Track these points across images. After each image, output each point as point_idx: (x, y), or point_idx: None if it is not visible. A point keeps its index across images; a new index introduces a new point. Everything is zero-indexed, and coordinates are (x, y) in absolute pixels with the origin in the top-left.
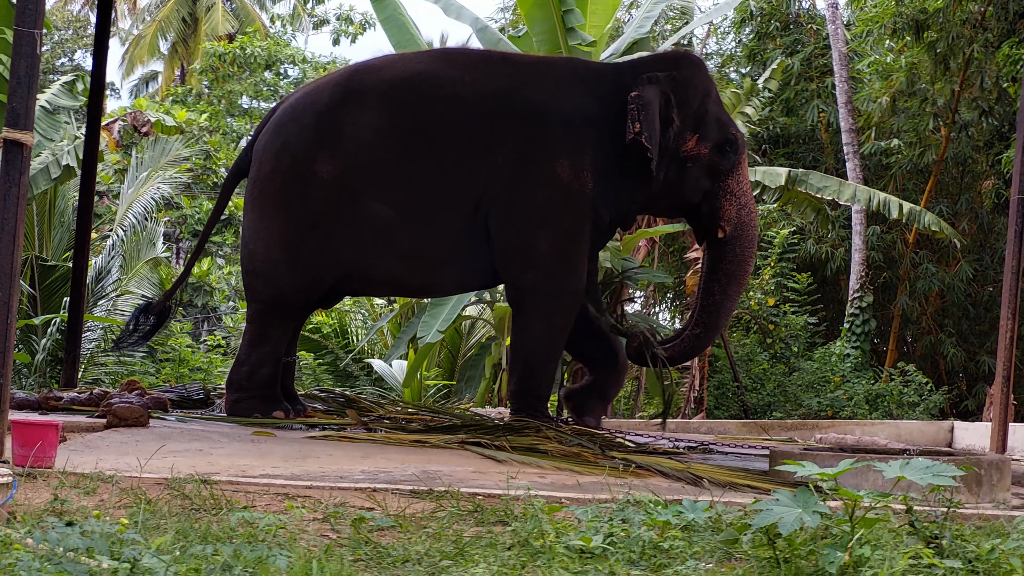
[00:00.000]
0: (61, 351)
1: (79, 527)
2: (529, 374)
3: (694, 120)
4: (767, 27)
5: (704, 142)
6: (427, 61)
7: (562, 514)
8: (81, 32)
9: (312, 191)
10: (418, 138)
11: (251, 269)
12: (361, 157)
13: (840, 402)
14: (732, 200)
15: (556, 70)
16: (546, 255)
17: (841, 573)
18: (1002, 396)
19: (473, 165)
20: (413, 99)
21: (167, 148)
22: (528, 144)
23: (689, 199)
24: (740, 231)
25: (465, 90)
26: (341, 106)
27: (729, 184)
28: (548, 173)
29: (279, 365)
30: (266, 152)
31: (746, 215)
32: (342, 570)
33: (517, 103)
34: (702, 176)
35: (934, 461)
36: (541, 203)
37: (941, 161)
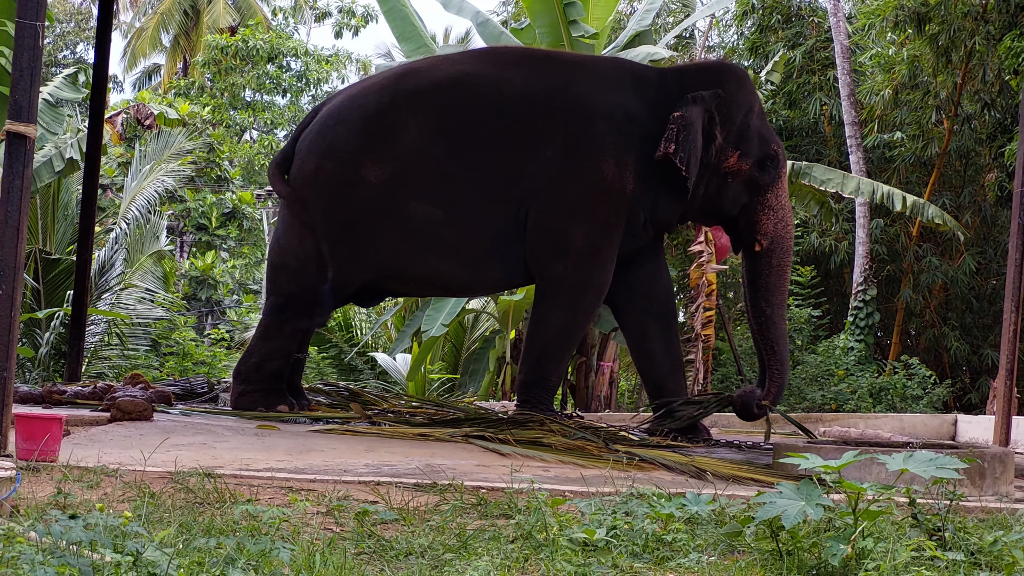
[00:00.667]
0: (65, 345)
1: (82, 520)
2: (541, 364)
3: (736, 136)
4: (769, 20)
5: (746, 158)
6: (472, 61)
7: (565, 507)
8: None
9: (355, 194)
10: (466, 138)
11: (279, 263)
12: (409, 160)
13: (844, 395)
14: (770, 214)
15: (603, 69)
16: (578, 247)
17: (844, 565)
18: (1006, 389)
19: (519, 163)
20: (460, 100)
21: (170, 141)
22: (575, 140)
23: (728, 212)
24: (777, 244)
25: (511, 89)
26: (389, 110)
27: (768, 198)
28: (592, 169)
29: (289, 361)
30: (311, 152)
31: (782, 228)
32: (345, 563)
33: (565, 100)
34: (741, 190)
35: (937, 454)
36: (581, 196)
37: (944, 154)
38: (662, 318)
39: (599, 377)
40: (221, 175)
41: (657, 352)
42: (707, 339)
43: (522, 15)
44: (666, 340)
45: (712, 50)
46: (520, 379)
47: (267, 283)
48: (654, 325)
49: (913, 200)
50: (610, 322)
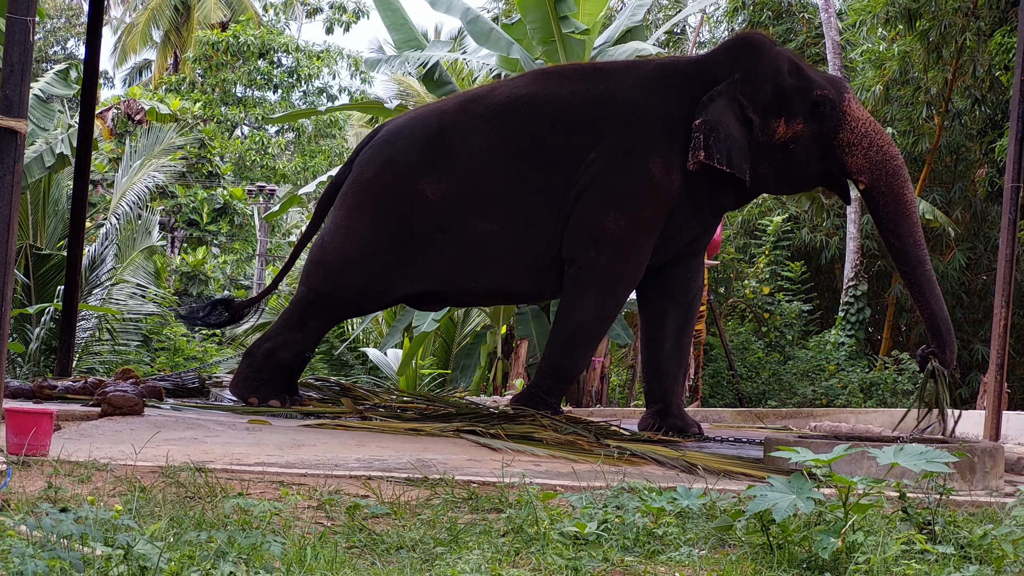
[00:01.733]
0: (55, 340)
1: (73, 514)
2: (567, 352)
3: (773, 106)
4: (759, 16)
5: (793, 121)
6: (526, 84)
7: (557, 501)
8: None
9: (411, 209)
10: (522, 155)
11: (318, 259)
12: (469, 179)
13: (835, 390)
14: (854, 151)
15: (648, 72)
16: (615, 236)
17: (834, 559)
18: (996, 384)
19: (571, 171)
20: (517, 121)
21: (161, 136)
22: (620, 141)
23: (812, 174)
24: (878, 172)
25: (563, 104)
26: (451, 131)
27: (843, 138)
28: (640, 166)
29: (301, 356)
30: (370, 163)
31: (876, 153)
32: (336, 557)
33: (613, 105)
34: (811, 148)
35: (927, 448)
36: (626, 190)
37: (935, 150)
38: (683, 313)
39: (590, 372)
40: (212, 171)
41: (668, 341)
42: (698, 334)
43: (513, 11)
44: (679, 334)
45: (703, 46)
46: (542, 364)
47: (302, 275)
48: (672, 316)
49: None
50: None
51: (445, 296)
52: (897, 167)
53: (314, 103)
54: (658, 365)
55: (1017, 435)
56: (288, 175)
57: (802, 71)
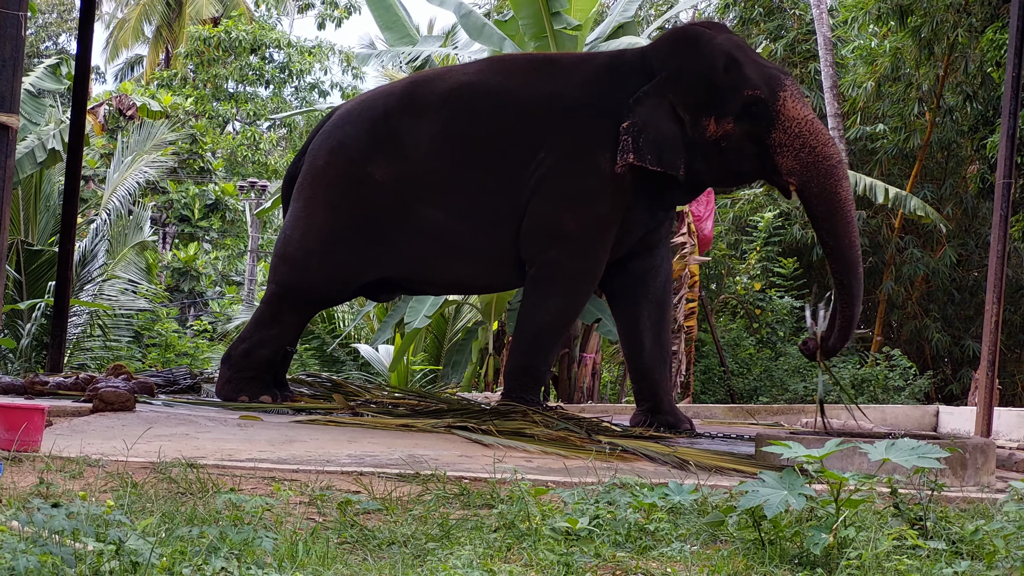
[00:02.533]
0: (47, 336)
1: (65, 509)
2: (532, 352)
3: (704, 104)
4: (751, 12)
5: (724, 119)
6: (477, 71)
7: (548, 497)
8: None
9: (363, 192)
10: (472, 145)
11: (283, 253)
12: (416, 164)
13: (826, 387)
14: (785, 152)
15: (597, 66)
16: (574, 234)
17: (826, 554)
18: (987, 380)
19: (524, 165)
20: (465, 108)
21: (152, 132)
22: (572, 136)
23: (746, 171)
24: (809, 173)
25: (513, 96)
26: (398, 114)
27: (775, 138)
28: (591, 164)
29: (280, 351)
30: (320, 150)
31: (807, 155)
32: (328, 552)
33: (563, 101)
34: (745, 146)
35: (919, 444)
36: (580, 188)
37: (926, 146)
38: (656, 308)
39: (581, 368)
40: (204, 166)
41: (647, 341)
42: (689, 330)
43: (505, 7)
44: (656, 330)
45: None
46: (509, 367)
47: (270, 271)
48: (647, 315)
49: (895, 192)
50: (592, 313)
51: (405, 285)
52: (830, 167)
53: (306, 99)
54: (642, 364)
55: (1008, 431)
56: (280, 171)
57: (739, 67)
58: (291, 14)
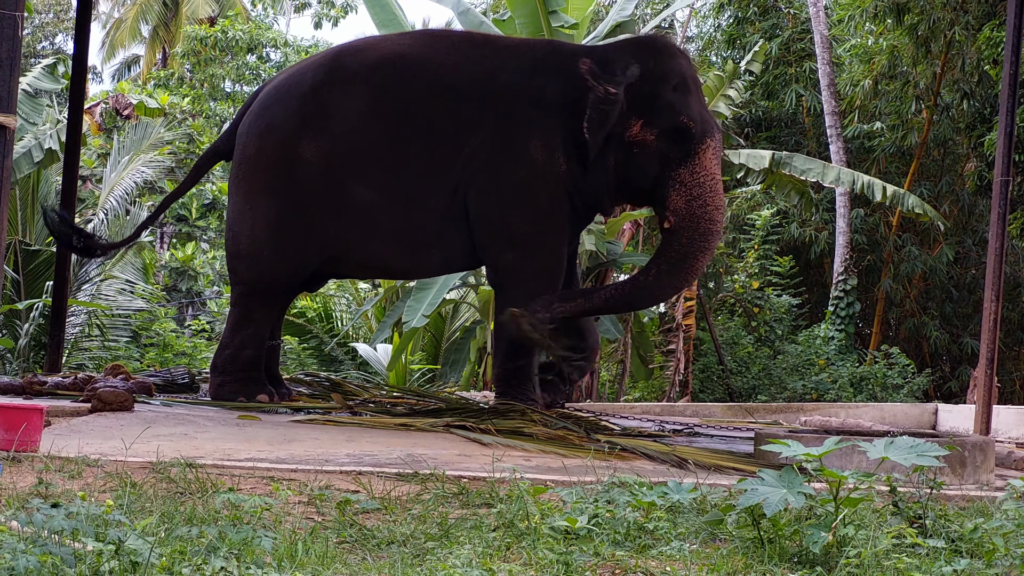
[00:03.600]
0: (45, 336)
1: (64, 509)
2: (514, 355)
3: (642, 105)
4: (746, 11)
5: (650, 128)
6: (410, 43)
7: (547, 496)
8: (62, 16)
9: (297, 173)
10: (401, 121)
11: (235, 252)
12: (345, 140)
13: (825, 385)
14: (681, 190)
15: (535, 52)
16: (526, 234)
17: (825, 552)
18: (986, 378)
19: (454, 147)
20: (396, 82)
21: (148, 131)
22: (504, 125)
23: (638, 185)
24: (688, 223)
25: (447, 73)
26: (325, 88)
27: (680, 174)
28: (522, 153)
29: (263, 348)
30: (250, 134)
31: (699, 207)
32: (327, 552)
33: (496, 85)
34: (650, 163)
35: (918, 442)
36: (517, 182)
37: (924, 144)
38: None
39: None
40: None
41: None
42: (688, 329)
43: (502, 5)
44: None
45: (691, 40)
46: (496, 372)
47: (229, 273)
48: None
49: (893, 190)
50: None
51: (333, 269)
52: (709, 231)
53: None
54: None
55: (1007, 429)
56: None
57: (686, 94)
58: (288, 13)
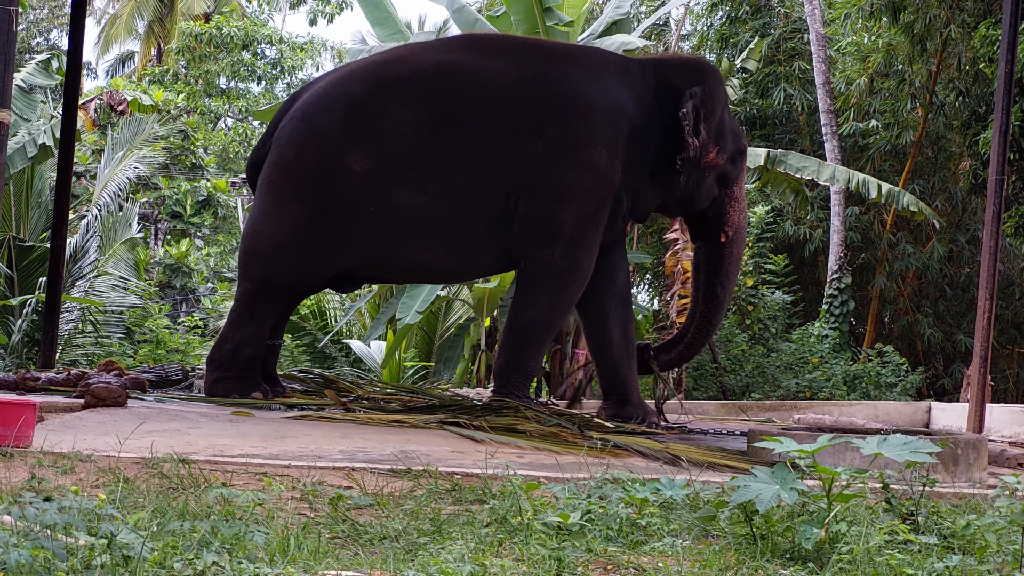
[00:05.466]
0: (38, 332)
1: (57, 503)
2: (522, 348)
3: (716, 132)
4: (738, 11)
5: (723, 153)
6: (456, 50)
7: (540, 492)
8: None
9: (337, 183)
10: (452, 127)
11: (252, 249)
12: (395, 149)
13: (818, 383)
14: (736, 206)
15: (589, 60)
16: (568, 232)
17: (817, 549)
18: (979, 376)
19: (507, 153)
20: (446, 89)
21: (142, 127)
22: (568, 131)
23: (701, 204)
24: (738, 234)
25: (498, 78)
26: (373, 97)
27: (735, 191)
28: (586, 158)
29: (263, 347)
30: (291, 139)
31: (743, 219)
32: (320, 547)
33: (556, 90)
34: (714, 184)
35: (911, 439)
36: (574, 183)
37: (919, 142)
38: (621, 305)
39: (573, 364)
40: (195, 163)
41: (614, 337)
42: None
43: (497, 2)
44: (623, 326)
45: (686, 39)
46: (499, 364)
47: (239, 269)
48: (613, 310)
49: (888, 188)
50: None
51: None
52: (746, 235)
53: None
54: (610, 359)
55: (1000, 427)
56: None
57: (731, 115)
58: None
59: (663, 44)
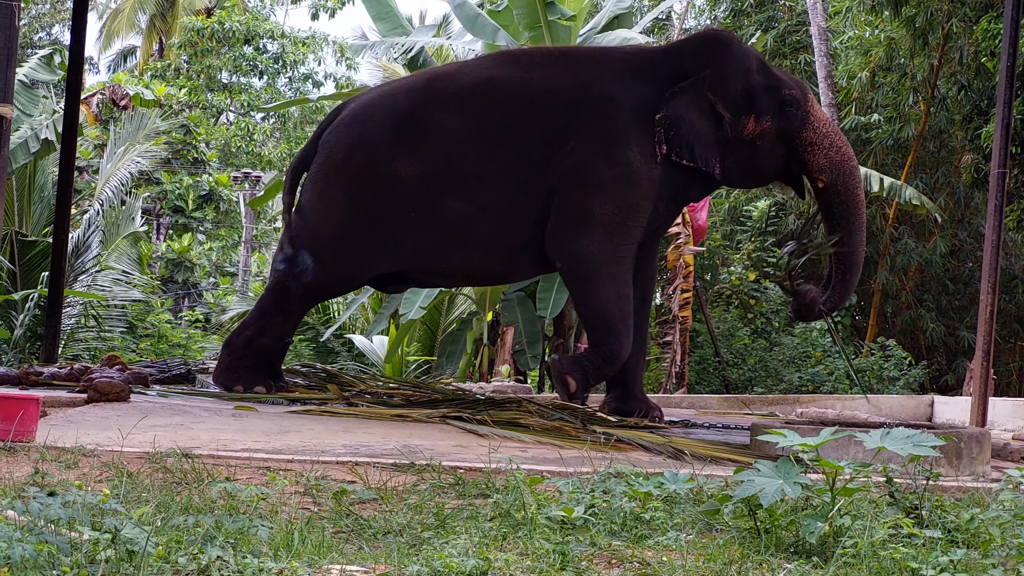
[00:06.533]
0: (41, 326)
1: (61, 498)
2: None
3: (743, 103)
4: (741, 4)
5: (762, 118)
6: (496, 65)
7: (543, 486)
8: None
9: (384, 189)
10: (498, 138)
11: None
12: (444, 159)
13: (821, 377)
14: (816, 150)
15: (618, 61)
16: (604, 222)
17: (821, 543)
18: (982, 370)
19: (549, 155)
20: (490, 102)
21: (144, 122)
22: (601, 131)
23: (774, 170)
24: (837, 172)
25: (536, 88)
26: (420, 109)
27: (806, 137)
28: (620, 156)
29: (280, 341)
30: (339, 143)
31: (835, 154)
32: (323, 541)
33: (589, 95)
34: (776, 145)
35: (915, 432)
36: (609, 177)
37: (921, 136)
38: (641, 299)
39: None
40: (198, 157)
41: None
42: (684, 320)
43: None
44: (638, 320)
45: (687, 33)
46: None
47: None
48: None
49: (891, 182)
50: None
51: (411, 276)
52: (853, 168)
53: (300, 89)
54: None
55: (1003, 421)
56: (274, 162)
57: (769, 70)
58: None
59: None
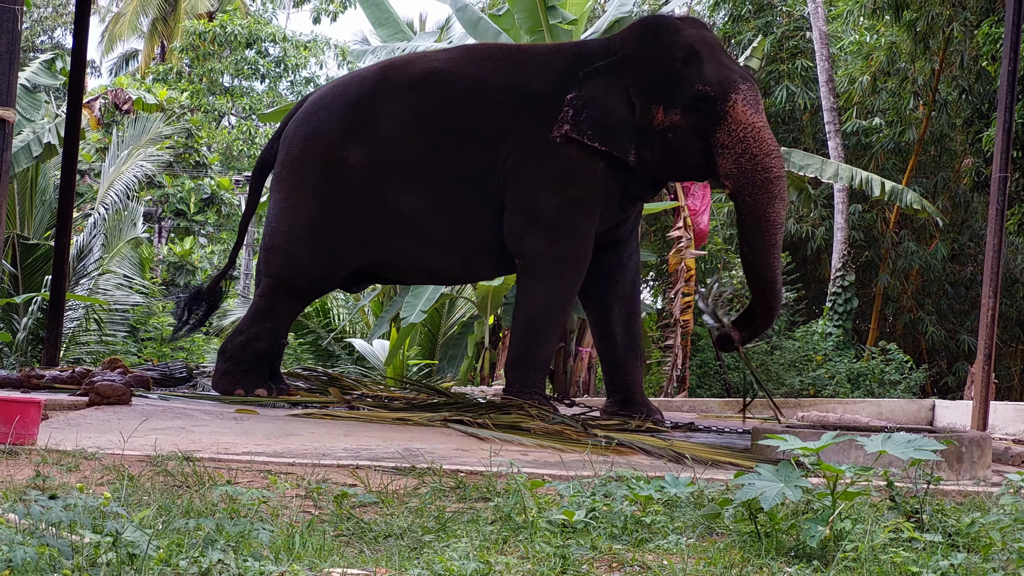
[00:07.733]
0: (43, 330)
1: (62, 501)
2: (527, 341)
3: (657, 92)
4: (740, 9)
5: (672, 110)
6: (448, 58)
7: (544, 490)
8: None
9: (341, 176)
10: (442, 131)
11: (271, 245)
12: (389, 149)
13: (822, 380)
14: (725, 153)
15: (565, 56)
16: (551, 219)
17: (822, 547)
18: (983, 374)
19: (493, 153)
20: (435, 95)
21: (147, 126)
22: (541, 128)
23: (690, 165)
24: (745, 179)
25: (483, 84)
26: (370, 99)
27: (718, 138)
28: (560, 152)
29: (275, 344)
30: (295, 137)
31: (747, 162)
32: (324, 545)
33: (530, 92)
34: (691, 140)
35: (916, 437)
36: (551, 173)
37: (922, 140)
38: (626, 302)
39: (577, 362)
40: (199, 161)
41: (618, 334)
42: (686, 324)
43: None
44: (627, 323)
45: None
46: (509, 358)
47: (260, 265)
48: (618, 307)
49: (892, 186)
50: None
51: (380, 273)
52: (766, 180)
53: (301, 93)
54: (615, 357)
55: (1004, 425)
56: None
57: (697, 62)
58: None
59: None
